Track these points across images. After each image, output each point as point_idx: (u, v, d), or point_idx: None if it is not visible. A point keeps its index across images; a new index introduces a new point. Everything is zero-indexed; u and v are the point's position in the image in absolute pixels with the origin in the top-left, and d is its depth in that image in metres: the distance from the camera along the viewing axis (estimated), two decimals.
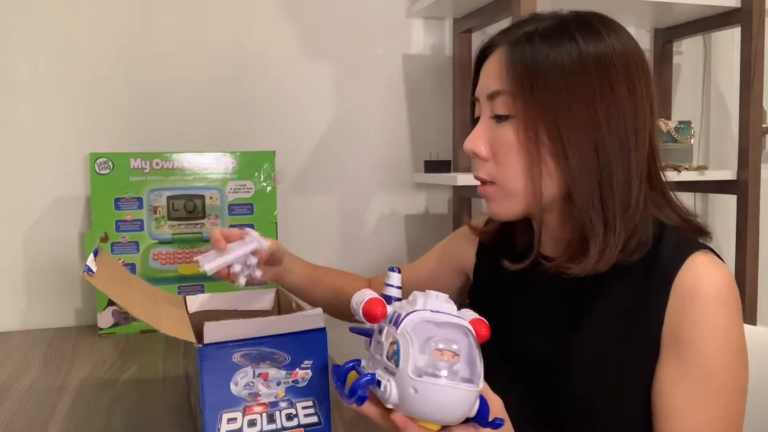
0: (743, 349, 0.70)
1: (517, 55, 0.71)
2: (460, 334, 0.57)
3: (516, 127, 0.71)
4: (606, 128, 0.70)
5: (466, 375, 0.56)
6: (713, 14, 1.54)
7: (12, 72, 1.35)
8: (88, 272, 0.69)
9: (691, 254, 0.71)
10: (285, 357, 0.70)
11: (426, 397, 0.54)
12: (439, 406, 0.55)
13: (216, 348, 0.68)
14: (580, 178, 0.70)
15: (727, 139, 1.82)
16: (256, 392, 0.70)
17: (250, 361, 0.69)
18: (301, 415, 0.71)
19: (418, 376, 0.55)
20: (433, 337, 0.57)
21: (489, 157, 0.75)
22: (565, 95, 0.69)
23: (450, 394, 0.55)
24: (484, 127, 0.75)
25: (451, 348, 0.56)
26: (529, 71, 0.70)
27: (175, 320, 0.76)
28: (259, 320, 0.70)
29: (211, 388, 0.69)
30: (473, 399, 0.56)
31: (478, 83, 0.77)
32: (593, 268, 0.71)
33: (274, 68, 1.50)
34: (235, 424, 0.70)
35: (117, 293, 0.73)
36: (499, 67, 0.73)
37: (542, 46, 0.70)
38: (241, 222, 1.34)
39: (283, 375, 0.70)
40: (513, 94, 0.71)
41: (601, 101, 0.69)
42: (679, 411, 0.68)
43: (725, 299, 0.69)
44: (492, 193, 0.76)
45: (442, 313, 0.58)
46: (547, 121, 0.70)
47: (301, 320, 0.70)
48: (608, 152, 0.70)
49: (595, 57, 0.70)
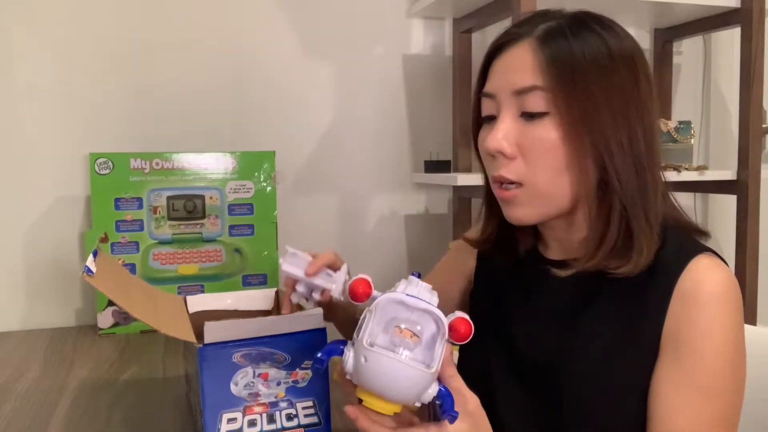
0: (742, 351, 0.70)
1: (555, 50, 0.69)
2: (428, 321, 0.59)
3: (554, 124, 0.69)
4: (638, 123, 0.70)
5: (419, 357, 0.57)
6: (713, 14, 1.54)
7: (12, 72, 1.35)
8: (88, 273, 0.69)
9: (694, 257, 0.71)
10: (285, 357, 0.70)
11: (373, 367, 0.56)
12: (384, 378, 0.56)
13: (216, 348, 0.68)
14: (624, 175, 0.69)
15: (727, 139, 1.82)
16: (257, 392, 0.70)
17: (250, 361, 0.69)
18: (301, 415, 0.71)
19: (370, 346, 0.57)
20: (399, 317, 0.59)
21: (515, 157, 0.71)
22: (603, 90, 0.69)
23: (396, 368, 0.56)
24: (508, 125, 0.71)
25: (414, 329, 0.58)
26: (569, 66, 0.68)
27: (175, 320, 0.76)
28: (259, 320, 0.70)
29: (211, 388, 0.68)
30: (422, 380, 0.57)
31: (494, 79, 0.73)
32: (644, 265, 0.70)
33: (274, 68, 1.50)
34: (235, 424, 0.69)
35: (117, 294, 0.73)
36: (532, 61, 0.70)
37: (576, 41, 0.69)
38: (241, 222, 1.34)
39: (283, 375, 0.70)
40: (552, 90, 0.68)
41: (631, 94, 0.70)
42: (675, 411, 0.68)
43: (726, 301, 0.69)
44: (518, 196, 0.72)
45: (417, 299, 0.59)
46: (587, 117, 0.68)
47: (301, 320, 0.70)
48: (640, 145, 0.70)
49: (619, 52, 0.71)
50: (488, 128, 0.74)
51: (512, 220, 0.74)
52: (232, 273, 1.34)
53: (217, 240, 1.33)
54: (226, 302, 0.91)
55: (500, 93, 0.72)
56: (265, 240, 1.35)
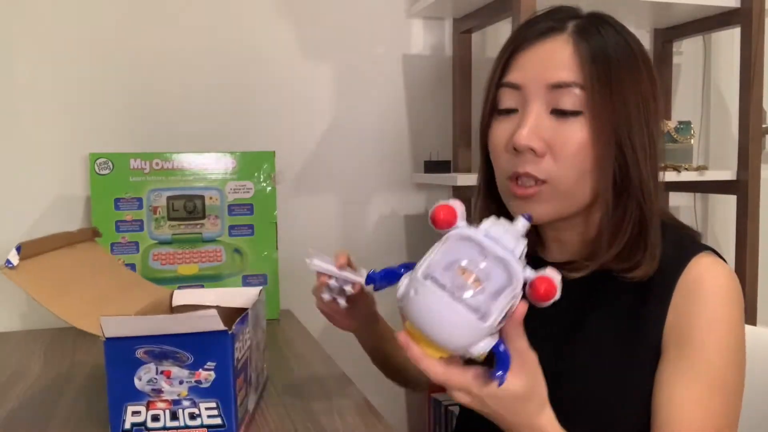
0: (743, 348, 0.70)
1: (593, 47, 0.68)
2: (500, 270, 0.52)
3: (585, 123, 0.68)
4: (654, 123, 0.70)
5: (474, 304, 0.51)
6: (713, 14, 1.54)
7: (12, 72, 1.35)
8: (8, 266, 0.71)
9: (695, 255, 0.71)
10: (187, 357, 0.70)
11: (421, 301, 0.51)
12: (429, 317, 0.51)
13: (120, 342, 0.70)
14: (645, 175, 0.69)
15: (727, 139, 1.81)
16: (159, 389, 0.71)
17: (152, 357, 0.70)
18: (204, 415, 0.72)
19: (424, 278, 0.51)
20: (469, 257, 0.52)
21: (545, 154, 0.69)
22: (632, 91, 0.69)
23: (443, 309, 0.50)
24: (538, 120, 0.69)
25: (477, 271, 0.51)
26: (606, 65, 0.68)
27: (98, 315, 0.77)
28: (158, 318, 0.71)
29: (115, 380, 0.71)
30: (471, 331, 0.51)
31: (524, 70, 0.70)
32: (654, 268, 0.69)
33: (274, 68, 1.50)
34: (139, 417, 0.71)
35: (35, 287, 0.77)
36: (571, 57, 0.68)
37: (608, 39, 0.69)
38: (240, 222, 1.34)
39: (186, 374, 0.71)
40: (590, 89, 0.67)
41: (649, 94, 0.70)
42: (680, 404, 0.67)
43: (729, 297, 0.69)
44: (541, 194, 0.70)
45: (494, 242, 0.52)
46: (618, 117, 0.68)
47: (196, 321, 0.69)
48: (656, 146, 0.70)
49: (639, 52, 0.71)
50: (507, 121, 0.72)
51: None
52: (232, 273, 1.34)
53: (217, 240, 1.33)
54: (208, 298, 0.92)
55: (531, 85, 0.69)
56: (265, 240, 1.35)
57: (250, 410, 0.81)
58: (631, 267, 0.70)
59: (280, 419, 0.84)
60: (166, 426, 0.71)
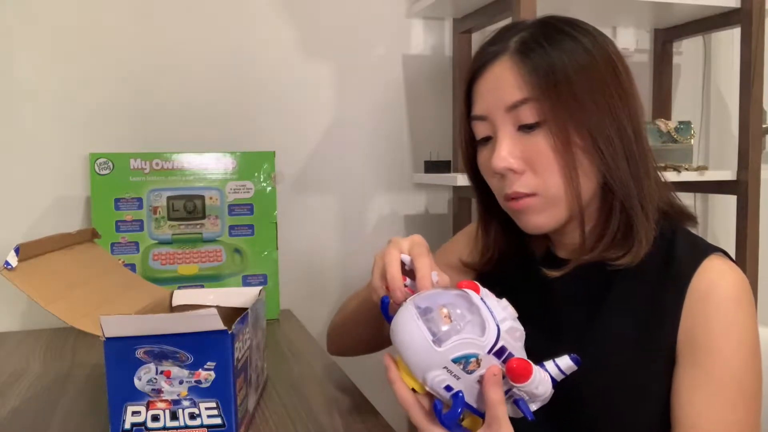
0: (758, 354, 0.70)
1: (535, 61, 0.71)
2: (476, 327, 0.57)
3: (549, 132, 0.71)
4: (624, 114, 0.71)
5: (434, 328, 0.56)
6: (713, 14, 1.54)
7: (12, 72, 1.35)
8: (6, 267, 0.71)
9: (707, 257, 0.72)
10: (187, 356, 0.70)
11: (397, 318, 0.58)
12: (396, 330, 0.57)
13: (120, 342, 0.70)
14: (616, 168, 0.71)
15: (727, 139, 1.81)
16: (159, 389, 0.71)
17: (152, 357, 0.70)
18: (204, 415, 0.72)
19: (409, 302, 0.58)
20: (455, 305, 0.58)
21: (524, 171, 0.72)
22: (587, 91, 0.70)
23: (407, 323, 0.56)
24: (509, 141, 0.72)
25: (454, 315, 0.57)
26: (552, 74, 0.70)
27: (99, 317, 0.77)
28: (158, 317, 0.71)
29: (115, 380, 0.71)
30: (425, 352, 0.55)
31: (483, 100, 0.74)
32: (643, 254, 0.71)
33: (274, 68, 1.50)
34: (139, 417, 0.71)
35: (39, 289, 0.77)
36: (515, 75, 0.71)
37: (551, 47, 0.71)
38: (241, 222, 1.34)
39: (186, 374, 0.71)
40: (540, 99, 0.70)
41: (614, 89, 0.72)
42: (699, 413, 0.67)
43: (741, 302, 0.69)
44: (535, 205, 0.73)
45: (483, 303, 0.58)
46: (576, 119, 0.70)
47: (196, 321, 0.69)
48: (629, 137, 0.72)
49: (597, 50, 0.72)
50: (487, 149, 0.76)
51: (529, 228, 0.75)
52: (232, 273, 1.34)
53: (217, 240, 1.33)
54: (208, 298, 0.92)
55: (493, 112, 0.73)
56: (265, 240, 1.35)
57: (250, 410, 0.81)
58: (618, 256, 0.72)
59: (280, 419, 0.84)
60: (166, 426, 0.71)
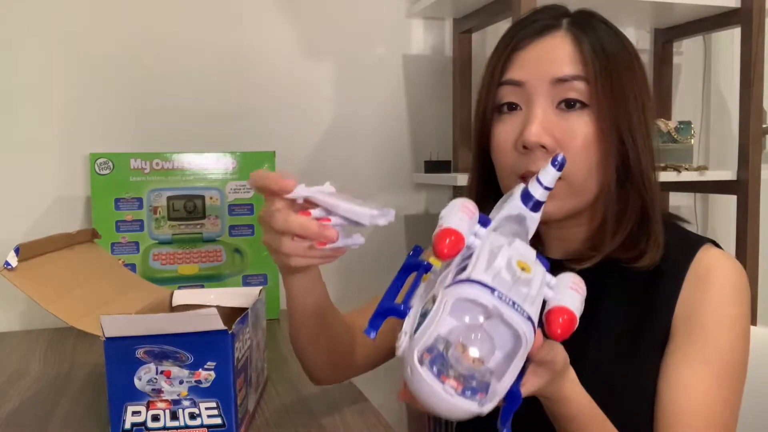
0: (748, 341, 0.72)
1: (593, 43, 0.69)
2: (505, 333, 0.45)
3: (592, 117, 0.68)
4: (650, 116, 0.72)
5: (472, 388, 0.44)
6: (713, 14, 1.54)
7: (12, 72, 1.35)
8: (6, 267, 0.72)
9: (702, 246, 0.73)
10: (187, 356, 0.71)
11: (416, 388, 0.44)
12: (428, 404, 0.45)
13: (120, 342, 0.70)
14: (645, 167, 0.70)
15: (727, 139, 1.81)
16: (159, 389, 0.71)
17: (153, 357, 0.70)
18: (205, 415, 0.72)
19: (419, 361, 0.44)
20: (469, 324, 0.45)
21: (554, 149, 0.67)
22: (630, 85, 0.70)
23: (440, 401, 0.44)
24: (545, 116, 0.68)
25: (480, 350, 0.45)
26: (606, 59, 0.69)
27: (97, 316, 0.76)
28: (158, 317, 0.71)
29: (115, 380, 0.71)
30: (474, 413, 0.44)
31: (526, 67, 0.70)
32: (659, 256, 0.71)
33: (274, 68, 1.50)
34: (139, 417, 0.71)
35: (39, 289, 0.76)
36: (572, 51, 0.69)
37: (604, 35, 0.71)
38: (241, 222, 1.34)
39: (186, 374, 0.71)
40: (591, 81, 0.68)
41: (644, 90, 0.72)
42: (686, 387, 0.68)
43: (738, 288, 0.71)
44: (555, 190, 0.66)
45: (503, 303, 0.44)
46: (621, 110, 0.69)
47: (196, 320, 0.69)
48: (650, 135, 0.72)
49: (630, 47, 0.72)
50: (510, 121, 0.71)
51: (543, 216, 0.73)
52: (232, 273, 1.34)
53: (218, 240, 1.33)
54: (208, 298, 0.92)
55: (534, 81, 0.69)
56: None
57: (250, 410, 0.81)
58: (636, 256, 0.71)
59: (280, 419, 0.84)
60: (166, 426, 0.72)
